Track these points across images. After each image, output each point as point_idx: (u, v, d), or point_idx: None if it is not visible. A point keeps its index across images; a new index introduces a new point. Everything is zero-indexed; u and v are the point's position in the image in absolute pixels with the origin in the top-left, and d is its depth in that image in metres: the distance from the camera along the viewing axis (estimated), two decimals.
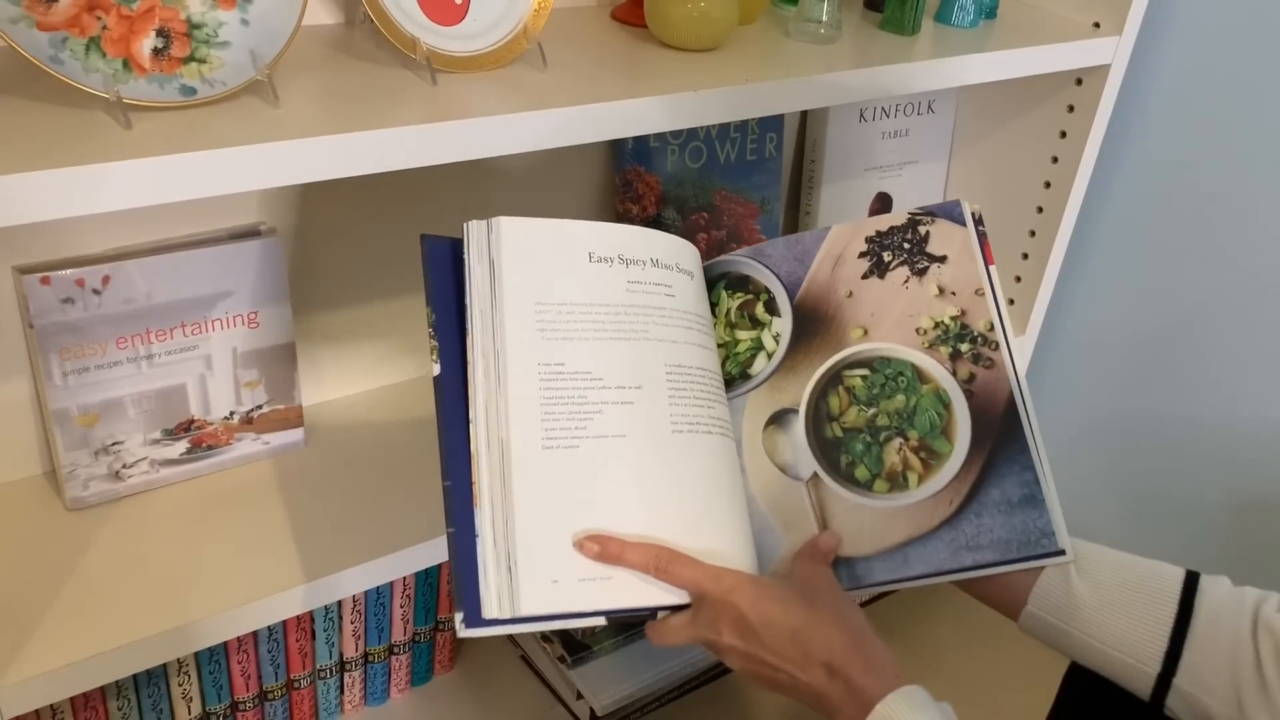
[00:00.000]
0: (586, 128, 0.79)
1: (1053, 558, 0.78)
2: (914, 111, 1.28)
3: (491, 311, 0.74)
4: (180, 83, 0.70)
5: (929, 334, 0.83)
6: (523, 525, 0.71)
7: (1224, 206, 1.19)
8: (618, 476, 0.74)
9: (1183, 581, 0.75)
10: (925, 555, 0.80)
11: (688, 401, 0.79)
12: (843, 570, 0.81)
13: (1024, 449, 0.80)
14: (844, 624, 0.72)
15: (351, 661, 1.11)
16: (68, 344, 0.83)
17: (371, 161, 0.71)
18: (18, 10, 0.65)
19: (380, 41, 0.83)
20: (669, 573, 0.73)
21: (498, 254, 0.75)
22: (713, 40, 0.92)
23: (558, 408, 0.74)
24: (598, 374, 0.76)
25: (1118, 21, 1.09)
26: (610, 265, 0.79)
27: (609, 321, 0.77)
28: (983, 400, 0.81)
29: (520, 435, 0.72)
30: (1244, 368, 1.21)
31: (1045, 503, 0.79)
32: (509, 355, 0.73)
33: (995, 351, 0.82)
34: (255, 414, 0.95)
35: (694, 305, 0.83)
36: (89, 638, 0.76)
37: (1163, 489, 1.33)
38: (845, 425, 0.83)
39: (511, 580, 0.70)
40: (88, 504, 0.89)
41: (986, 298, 0.83)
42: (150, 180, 0.63)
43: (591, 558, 0.72)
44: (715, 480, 0.79)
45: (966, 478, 0.80)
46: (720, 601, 0.73)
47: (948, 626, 1.38)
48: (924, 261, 0.85)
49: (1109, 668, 0.76)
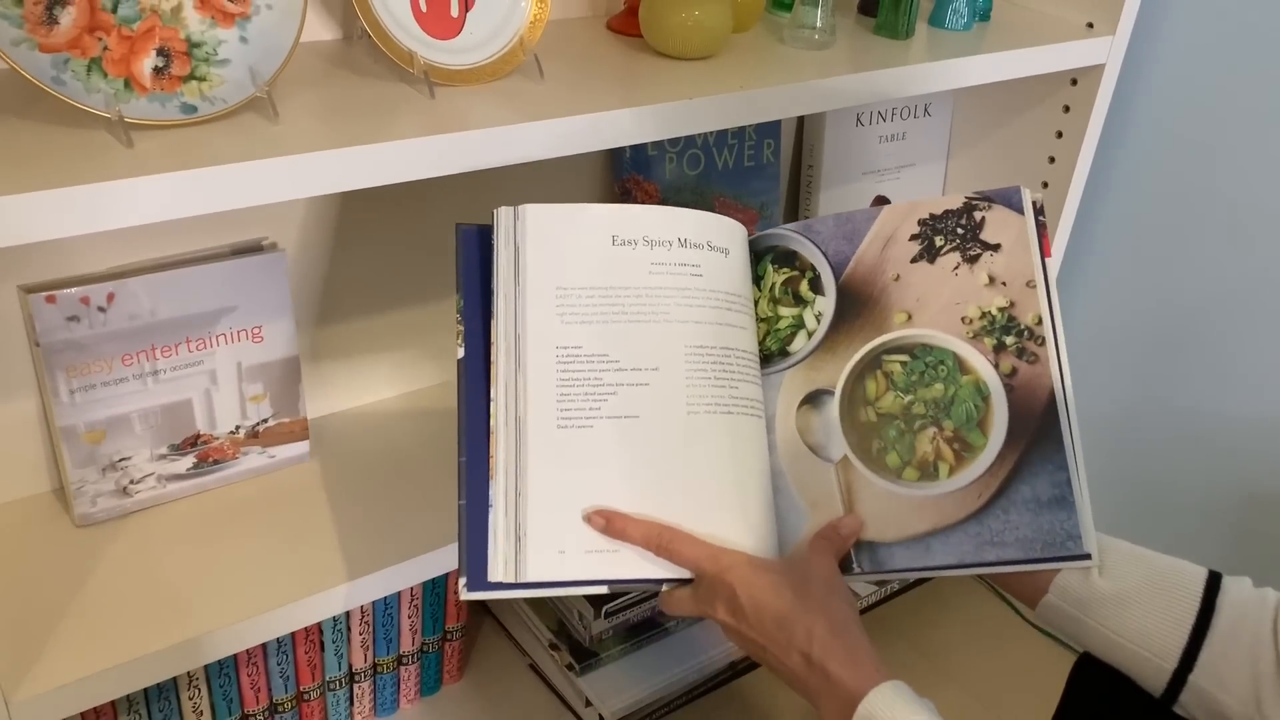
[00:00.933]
0: (584, 137, 0.80)
1: (1077, 560, 0.77)
2: (910, 115, 1.29)
3: (514, 296, 0.77)
4: (181, 101, 0.71)
5: (974, 324, 0.82)
6: (534, 498, 0.75)
7: (1221, 203, 1.19)
8: (629, 456, 0.77)
9: (1205, 580, 0.75)
10: (948, 547, 0.79)
11: (707, 383, 0.80)
12: (864, 554, 0.81)
13: (1059, 448, 0.78)
14: (828, 614, 0.73)
15: (360, 672, 1.11)
16: (74, 361, 0.83)
17: (371, 175, 0.72)
18: (20, 33, 0.65)
19: (378, 56, 0.84)
20: (669, 550, 0.76)
21: (523, 240, 0.78)
22: (708, 48, 0.92)
23: (573, 389, 0.77)
24: (614, 357, 0.78)
25: (1111, 21, 1.10)
26: (634, 248, 0.80)
27: (629, 305, 0.79)
28: (1023, 395, 0.80)
29: (536, 414, 0.76)
30: (1242, 365, 1.21)
31: (1075, 505, 0.77)
32: (529, 338, 0.77)
33: (1040, 347, 0.80)
34: (260, 428, 0.96)
35: (725, 283, 0.83)
36: (99, 652, 0.77)
37: (1162, 487, 1.33)
38: (880, 410, 0.83)
39: (519, 548, 0.74)
40: (96, 520, 0.89)
41: (1038, 290, 0.81)
42: (153, 198, 0.64)
43: (597, 530, 0.76)
44: (732, 460, 0.80)
45: (998, 473, 0.79)
46: (716, 580, 0.75)
47: (954, 628, 1.38)
48: (976, 249, 0.83)
49: (1124, 661, 0.76)
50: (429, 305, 1.08)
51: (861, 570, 0.81)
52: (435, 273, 1.06)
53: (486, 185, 1.02)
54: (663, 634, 1.23)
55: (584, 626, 1.18)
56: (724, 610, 0.75)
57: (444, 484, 0.97)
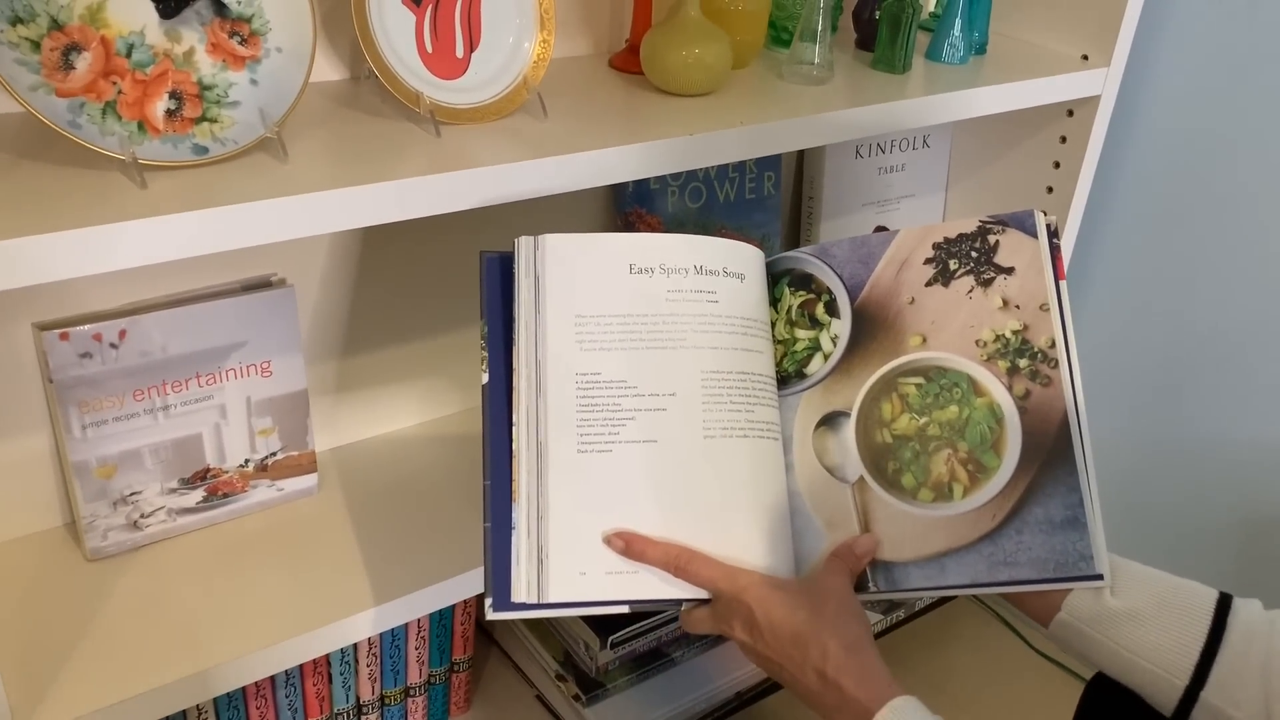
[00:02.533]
0: (587, 173, 0.81)
1: (1089, 581, 0.78)
2: (910, 146, 1.30)
3: (535, 324, 0.79)
4: (193, 142, 0.72)
5: (988, 346, 0.83)
6: (555, 521, 0.77)
7: (1218, 229, 1.20)
8: (647, 480, 0.79)
9: (1216, 600, 0.76)
10: (962, 567, 0.80)
11: (723, 407, 0.82)
12: (880, 573, 0.82)
13: (1072, 470, 0.79)
14: (842, 632, 0.75)
15: (368, 705, 1.12)
16: (86, 397, 0.85)
17: (379, 213, 0.73)
18: (37, 78, 0.67)
19: (385, 96, 0.86)
20: (687, 571, 0.77)
21: (543, 270, 0.80)
22: (708, 85, 0.94)
23: (592, 414, 0.79)
24: (632, 383, 0.80)
25: (1105, 53, 1.12)
26: (651, 275, 0.82)
27: (646, 331, 0.81)
28: (1036, 418, 0.81)
29: (557, 439, 0.78)
30: (1243, 389, 1.22)
31: (1088, 526, 0.78)
32: (549, 365, 0.78)
33: (1054, 369, 0.81)
34: (269, 461, 0.97)
35: (741, 309, 0.85)
36: (111, 685, 0.77)
37: (1172, 509, 1.33)
38: (895, 432, 0.84)
39: (541, 570, 0.76)
40: (107, 554, 0.90)
41: (1052, 313, 0.82)
42: (166, 237, 0.65)
43: (617, 552, 0.77)
44: (748, 483, 0.82)
45: (1011, 494, 0.80)
46: (733, 600, 0.77)
47: (963, 656, 1.38)
48: (990, 272, 0.84)
49: (1136, 678, 0.77)
50: (439, 338, 1.09)
51: (877, 589, 0.82)
52: (446, 306, 1.08)
53: (495, 220, 1.04)
54: (669, 664, 1.23)
55: (590, 657, 1.19)
56: (741, 628, 0.77)
57: (452, 515, 0.98)
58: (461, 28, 0.84)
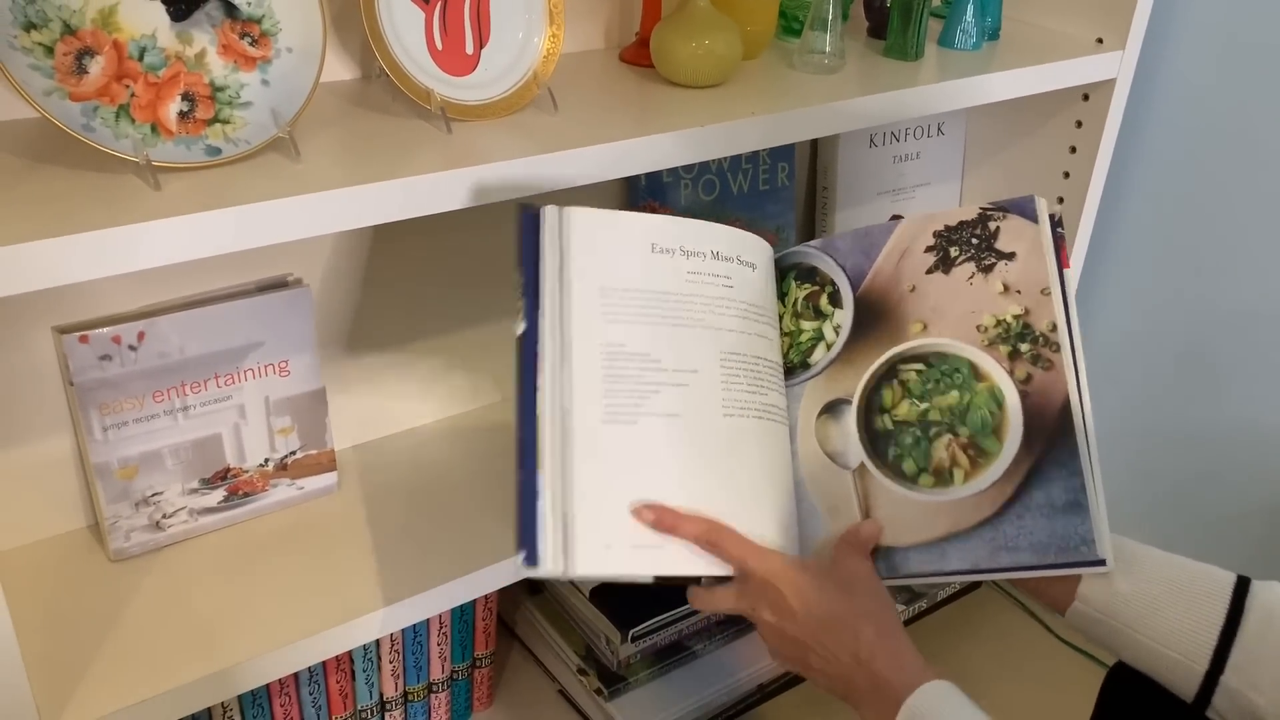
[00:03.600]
0: (599, 167, 0.81)
1: (1091, 566, 0.77)
2: (924, 134, 1.30)
3: (559, 293, 0.79)
4: (206, 143, 0.73)
5: (989, 332, 0.83)
6: (580, 493, 0.76)
7: (1237, 213, 1.19)
8: (671, 453, 0.79)
9: (1234, 583, 0.75)
10: (963, 552, 0.80)
11: (740, 388, 0.82)
12: (880, 559, 0.82)
13: (1074, 454, 0.79)
14: (876, 618, 0.75)
15: (392, 701, 1.12)
16: (106, 399, 0.85)
17: (392, 210, 0.73)
18: (51, 83, 0.68)
19: (396, 94, 0.86)
20: (718, 546, 0.77)
21: (568, 242, 0.80)
22: (718, 76, 0.94)
23: (618, 385, 0.79)
24: (655, 356, 0.80)
25: (1120, 36, 1.11)
26: (671, 256, 0.83)
27: (668, 308, 0.82)
28: (1037, 402, 0.80)
29: (582, 409, 0.77)
30: (1265, 373, 1.21)
31: (1089, 510, 0.77)
32: (574, 335, 0.78)
33: (1055, 353, 0.81)
34: (289, 460, 0.97)
35: (753, 296, 0.86)
36: (135, 684, 0.78)
37: (1187, 498, 1.32)
38: (896, 418, 0.84)
39: (567, 543, 0.75)
40: (130, 554, 0.91)
41: (1053, 297, 0.82)
42: (181, 238, 0.66)
43: (647, 524, 0.77)
44: (761, 463, 0.82)
45: (1012, 478, 0.80)
46: (764, 581, 0.77)
47: (984, 645, 1.38)
48: (991, 258, 0.84)
49: (1156, 665, 0.76)
50: (454, 333, 1.10)
51: (878, 574, 0.82)
52: (460, 301, 1.08)
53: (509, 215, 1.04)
54: (691, 657, 1.23)
55: (612, 651, 1.19)
56: (769, 610, 0.77)
57: (471, 510, 0.98)
58: (471, 24, 0.85)
